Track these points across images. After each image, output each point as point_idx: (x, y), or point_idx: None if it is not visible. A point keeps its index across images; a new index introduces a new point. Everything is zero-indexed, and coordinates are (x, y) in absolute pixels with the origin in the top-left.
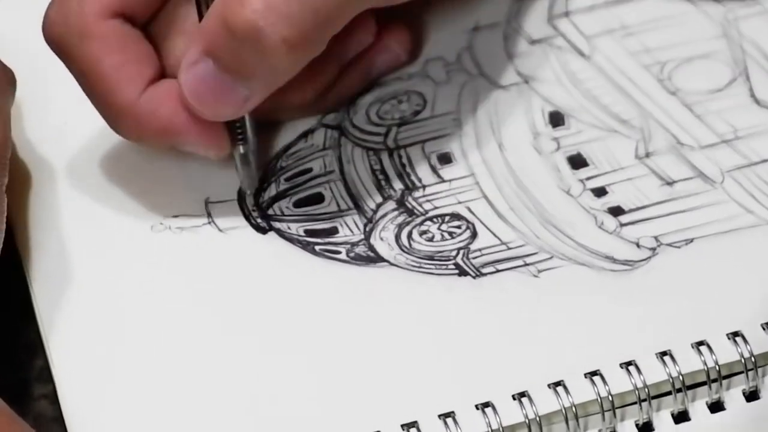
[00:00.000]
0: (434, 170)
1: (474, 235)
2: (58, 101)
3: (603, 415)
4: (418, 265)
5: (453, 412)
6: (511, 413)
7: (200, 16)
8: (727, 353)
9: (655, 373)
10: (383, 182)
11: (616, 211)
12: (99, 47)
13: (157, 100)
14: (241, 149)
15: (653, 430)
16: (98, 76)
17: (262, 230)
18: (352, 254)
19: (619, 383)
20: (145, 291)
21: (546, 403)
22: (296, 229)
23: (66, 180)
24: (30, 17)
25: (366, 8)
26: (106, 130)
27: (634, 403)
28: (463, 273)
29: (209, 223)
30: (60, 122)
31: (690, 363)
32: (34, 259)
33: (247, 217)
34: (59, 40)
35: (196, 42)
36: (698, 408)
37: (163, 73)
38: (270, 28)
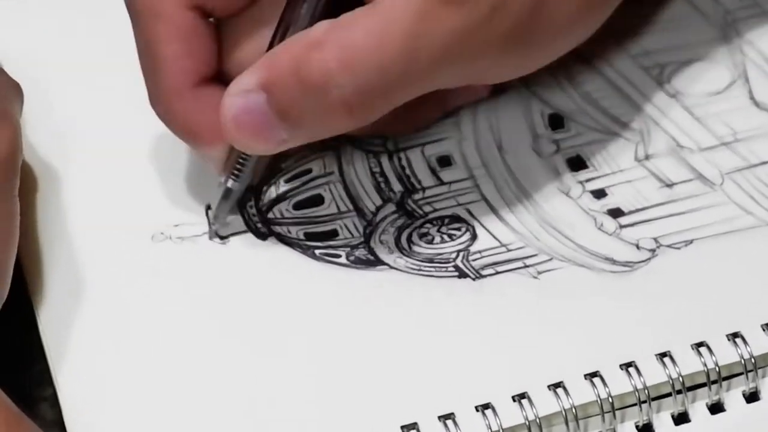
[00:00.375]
0: (434, 173)
1: (474, 237)
2: (61, 113)
3: (603, 416)
4: (417, 267)
5: (453, 413)
6: (511, 414)
7: (272, 42)
8: (727, 354)
9: (655, 375)
10: (383, 185)
11: (615, 213)
12: (165, 31)
13: (200, 104)
14: (229, 183)
15: (653, 431)
16: (155, 58)
17: (263, 236)
18: (352, 258)
19: (619, 384)
20: (147, 299)
21: (546, 404)
22: (296, 232)
23: (67, 191)
24: (32, 30)
25: (441, 88)
26: (107, 141)
27: (635, 404)
28: (462, 275)
29: (210, 231)
30: (62, 133)
31: (690, 364)
32: (36, 266)
33: (247, 223)
34: (135, 7)
35: (257, 71)
36: (698, 409)
37: (219, 75)
38: (337, 90)
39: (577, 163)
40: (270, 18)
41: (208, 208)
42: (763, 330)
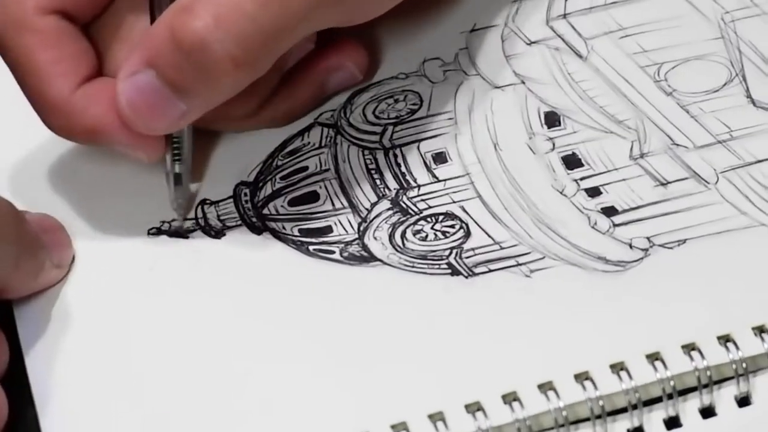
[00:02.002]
0: (429, 170)
1: (467, 234)
2: None
3: (593, 420)
4: (411, 264)
5: (442, 412)
6: (500, 414)
7: (152, 21)
8: (717, 358)
9: (645, 376)
10: (378, 181)
11: (609, 212)
12: (34, 41)
13: (89, 99)
14: (177, 168)
15: None
16: (31, 70)
17: (257, 230)
18: (345, 254)
19: (609, 386)
20: (141, 297)
21: (535, 404)
22: (290, 228)
23: (62, 182)
24: None
25: (315, 30)
26: None
27: (625, 409)
28: (455, 272)
29: (205, 225)
30: None
31: (681, 367)
32: None
33: (242, 217)
34: None
35: (139, 50)
36: (690, 413)
37: (99, 72)
38: (218, 45)
39: (573, 161)
40: (133, 8)
41: (203, 202)
42: (755, 334)
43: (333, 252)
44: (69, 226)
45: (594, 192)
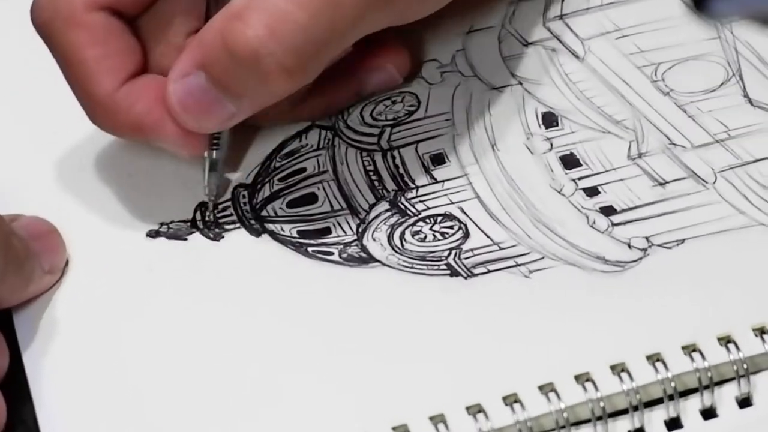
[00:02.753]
0: (427, 171)
1: (466, 235)
2: (56, 111)
3: (594, 422)
4: (410, 265)
5: (443, 414)
6: (501, 415)
7: (206, 20)
8: (718, 358)
9: (645, 377)
10: (376, 183)
11: (608, 211)
12: (83, 37)
13: (134, 96)
14: (214, 155)
15: None
16: (79, 66)
17: (256, 232)
18: (344, 255)
19: (610, 386)
20: (140, 298)
21: (536, 405)
22: (289, 230)
23: (60, 186)
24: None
25: (366, 34)
26: (100, 138)
27: (626, 410)
28: (454, 273)
29: (203, 227)
30: (53, 130)
31: (681, 367)
32: None
33: (241, 220)
34: (45, 25)
35: (190, 52)
36: (691, 415)
37: (145, 68)
38: (270, 57)
39: (571, 161)
40: (179, 4)
41: (200, 206)
42: (755, 334)
43: (332, 253)
44: (69, 228)
45: (592, 192)
